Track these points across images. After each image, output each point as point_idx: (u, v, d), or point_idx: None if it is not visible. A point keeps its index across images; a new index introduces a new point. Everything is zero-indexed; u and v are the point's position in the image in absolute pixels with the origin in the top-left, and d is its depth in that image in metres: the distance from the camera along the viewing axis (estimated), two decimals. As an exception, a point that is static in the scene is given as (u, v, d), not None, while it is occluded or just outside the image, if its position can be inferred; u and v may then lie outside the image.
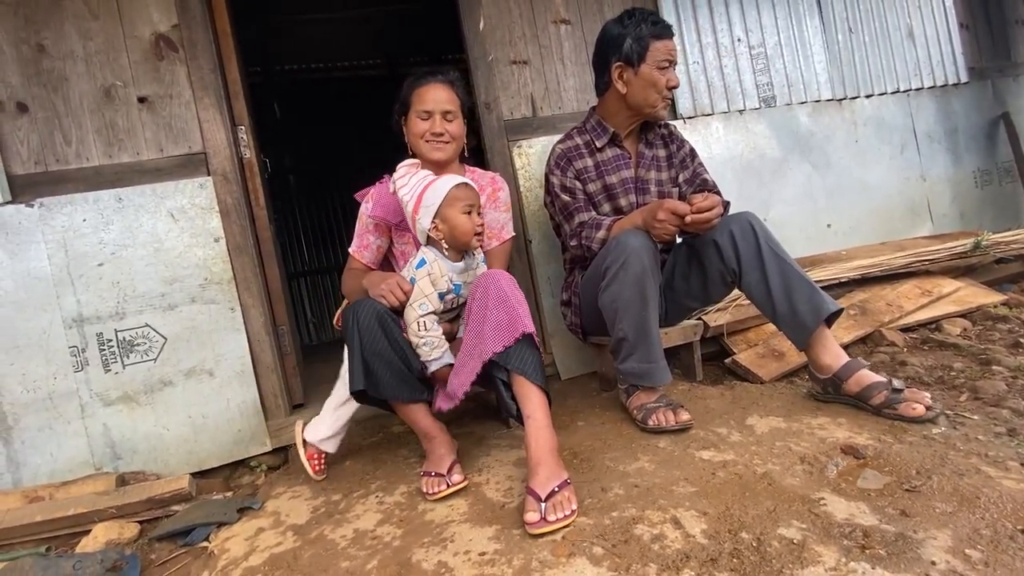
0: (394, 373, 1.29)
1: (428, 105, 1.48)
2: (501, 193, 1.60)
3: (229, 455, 1.73)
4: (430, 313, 1.32)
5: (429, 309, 1.32)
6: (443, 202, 1.34)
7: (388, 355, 1.28)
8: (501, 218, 1.59)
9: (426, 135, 1.49)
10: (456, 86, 1.54)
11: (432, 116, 1.49)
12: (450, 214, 1.35)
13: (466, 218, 1.36)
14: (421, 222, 1.36)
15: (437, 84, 1.50)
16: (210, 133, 1.75)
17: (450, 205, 1.34)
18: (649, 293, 1.38)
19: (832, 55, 2.51)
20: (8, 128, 1.62)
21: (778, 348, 1.77)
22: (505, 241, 1.59)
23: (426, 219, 1.35)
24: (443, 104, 1.49)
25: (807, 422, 1.33)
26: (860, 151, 2.55)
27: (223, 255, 1.74)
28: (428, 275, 1.34)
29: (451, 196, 1.35)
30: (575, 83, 2.13)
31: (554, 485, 1.08)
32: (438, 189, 1.36)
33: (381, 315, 1.29)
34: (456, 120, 1.52)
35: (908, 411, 1.25)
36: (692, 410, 1.41)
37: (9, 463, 1.59)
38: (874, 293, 2.05)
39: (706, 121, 2.31)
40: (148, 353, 1.69)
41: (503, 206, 1.59)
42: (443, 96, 1.50)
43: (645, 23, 1.52)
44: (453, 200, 1.35)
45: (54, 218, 1.63)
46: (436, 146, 1.50)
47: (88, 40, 1.68)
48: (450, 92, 1.51)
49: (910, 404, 1.26)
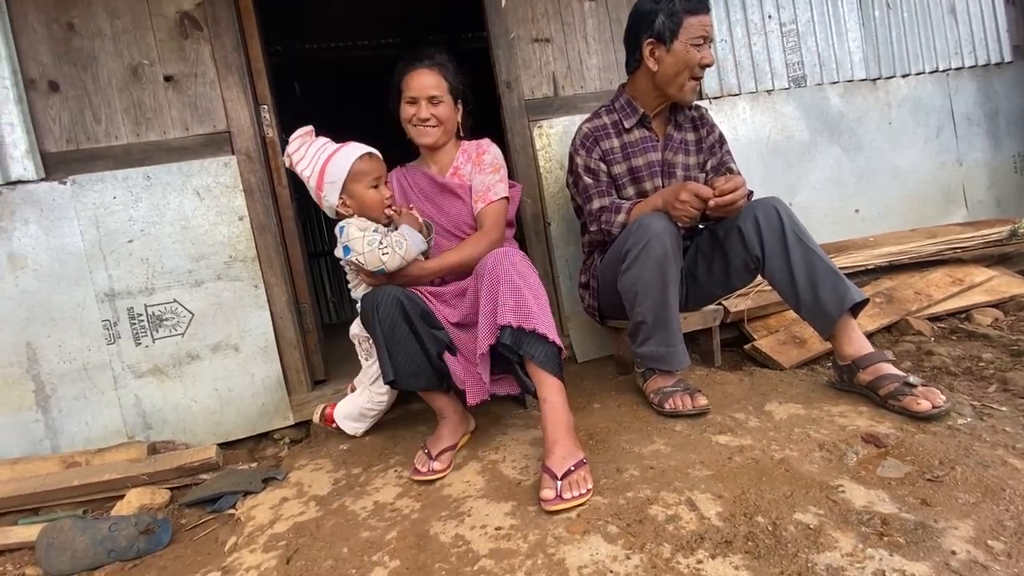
0: (412, 359, 1.30)
1: (414, 91, 1.51)
2: (485, 156, 1.58)
3: (253, 428, 1.78)
4: (378, 237, 1.31)
5: (376, 237, 1.30)
6: (348, 177, 1.31)
7: (408, 341, 1.29)
8: (487, 180, 1.55)
9: (413, 119, 1.53)
10: (444, 69, 1.54)
11: (418, 102, 1.51)
12: (357, 190, 1.32)
13: (375, 192, 1.33)
14: (328, 199, 1.34)
15: (423, 70, 1.52)
16: (234, 112, 1.77)
17: (355, 180, 1.31)
18: (670, 277, 1.37)
19: (868, 32, 2.41)
20: (40, 106, 1.66)
21: (799, 335, 1.74)
22: (493, 202, 1.53)
23: (333, 195, 1.33)
24: (429, 90, 1.51)
25: (827, 409, 1.31)
26: (893, 134, 2.45)
27: (247, 233, 1.77)
28: (355, 228, 1.31)
29: (356, 171, 1.31)
30: (598, 61, 2.09)
31: (570, 464, 1.10)
32: (340, 163, 1.31)
33: (402, 303, 1.29)
34: (443, 104, 1.53)
35: (912, 405, 1.20)
36: (710, 395, 1.41)
37: (48, 430, 1.67)
38: (902, 281, 2.00)
39: (732, 101, 2.25)
40: (176, 328, 1.74)
41: (488, 168, 1.56)
42: (429, 82, 1.51)
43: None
44: (358, 175, 1.32)
45: (86, 195, 1.68)
46: (423, 131, 1.53)
47: (115, 19, 1.70)
48: (436, 77, 1.52)
49: (916, 399, 1.20)
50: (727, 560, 0.86)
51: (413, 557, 1.00)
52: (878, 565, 0.81)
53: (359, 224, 1.34)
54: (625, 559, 0.90)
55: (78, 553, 1.24)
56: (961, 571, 0.78)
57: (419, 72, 1.52)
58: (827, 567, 0.82)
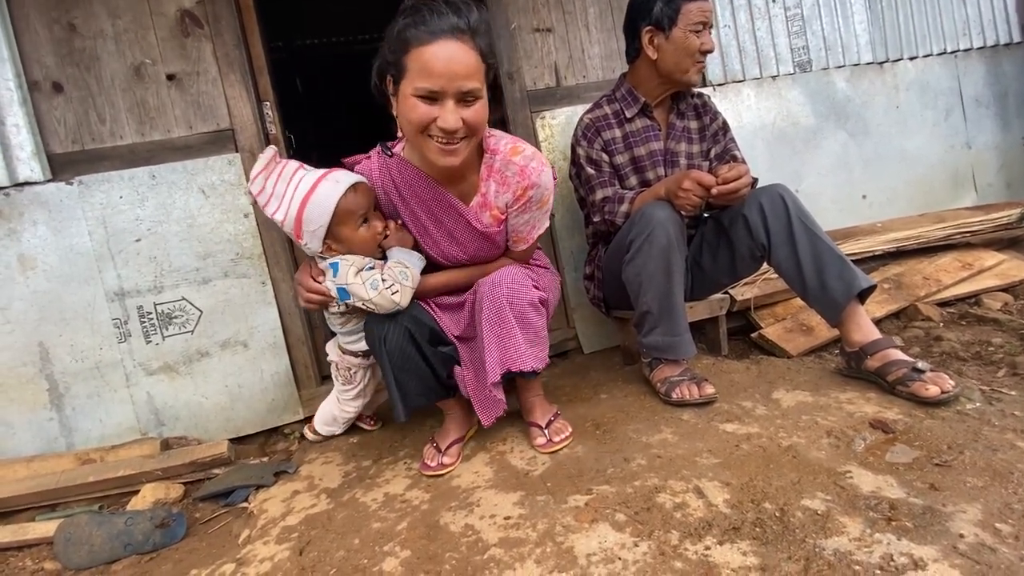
0: (422, 382, 1.29)
1: (436, 80, 0.97)
2: (533, 192, 1.17)
3: (264, 423, 1.80)
4: (378, 275, 1.15)
5: (377, 276, 1.14)
6: (332, 220, 1.08)
7: (419, 368, 1.25)
8: (533, 219, 1.24)
9: (431, 128, 1.02)
10: (479, 39, 1.01)
11: (443, 99, 0.99)
12: (344, 233, 1.11)
13: (365, 230, 1.12)
14: (310, 247, 1.13)
15: (452, 42, 0.97)
16: (237, 109, 1.77)
17: (342, 222, 1.09)
18: (674, 266, 1.37)
19: (874, 15, 2.37)
20: (45, 107, 1.67)
21: (806, 323, 1.73)
22: (532, 242, 1.30)
23: (315, 243, 1.11)
24: (462, 80, 0.98)
25: (835, 396, 1.31)
26: (901, 117, 2.42)
27: (253, 231, 1.78)
28: (352, 269, 1.13)
29: (341, 211, 1.07)
30: (600, 50, 2.07)
31: (549, 416, 1.34)
32: (321, 205, 1.06)
33: (410, 332, 1.22)
34: (479, 101, 1.03)
35: (921, 390, 1.20)
36: (717, 384, 1.41)
37: (62, 428, 1.70)
38: (910, 267, 1.98)
39: (737, 88, 2.22)
40: (185, 325, 1.75)
41: (535, 206, 1.20)
42: (462, 63, 0.97)
43: None
44: (345, 216, 1.08)
45: (92, 195, 1.69)
46: (447, 151, 1.04)
47: (116, 18, 1.70)
48: (472, 55, 0.99)
49: (924, 384, 1.20)
50: (735, 546, 0.87)
51: (424, 547, 1.01)
52: (886, 549, 0.81)
53: (354, 263, 1.14)
54: (633, 546, 0.91)
55: (95, 547, 1.27)
56: (969, 554, 0.79)
57: (443, 46, 0.96)
58: (835, 552, 0.82)
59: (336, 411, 1.59)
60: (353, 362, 1.48)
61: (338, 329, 1.42)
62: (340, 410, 1.57)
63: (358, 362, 1.48)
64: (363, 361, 1.48)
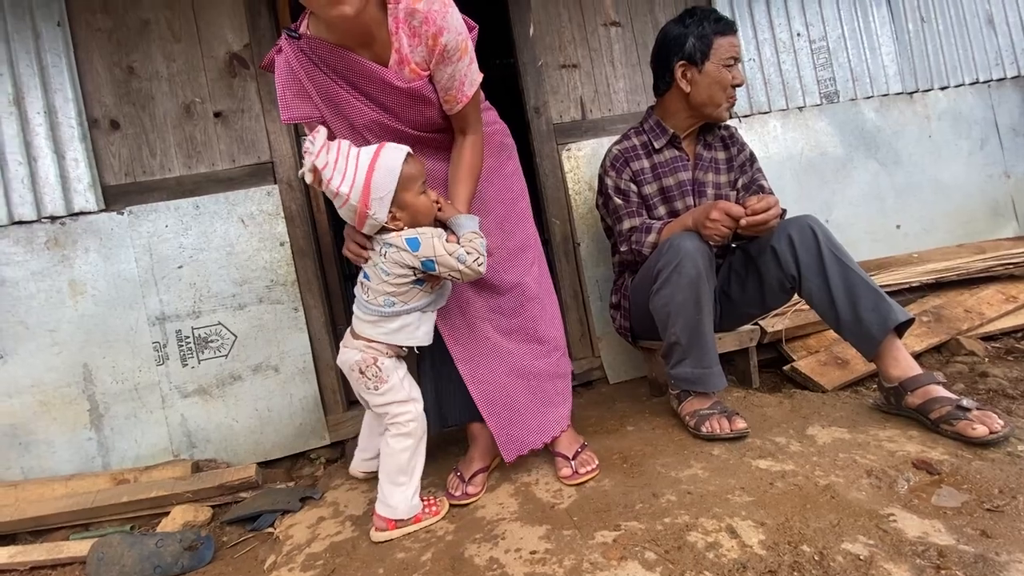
0: (464, 395, 1.32)
1: None
2: (444, 38, 1.08)
3: (291, 447, 1.82)
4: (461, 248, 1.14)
5: (461, 250, 1.14)
6: (397, 186, 1.09)
7: (461, 380, 1.32)
8: (458, 71, 1.13)
9: None
10: None
11: None
12: (408, 199, 1.11)
13: (424, 198, 1.14)
14: (376, 216, 1.10)
15: None
16: (277, 144, 1.86)
17: (406, 188, 1.11)
18: (703, 297, 1.35)
19: (902, 46, 2.37)
20: (103, 143, 1.79)
21: (841, 355, 1.68)
22: (471, 100, 1.18)
23: (382, 211, 1.10)
24: None
25: (874, 434, 1.26)
26: (934, 147, 2.39)
27: (288, 258, 1.85)
28: (438, 242, 1.13)
29: (405, 177, 1.10)
30: (625, 85, 2.12)
31: (576, 447, 1.33)
32: (389, 170, 1.08)
33: None
34: None
35: (967, 430, 1.14)
36: (748, 418, 1.37)
37: (100, 447, 1.75)
38: (950, 299, 1.92)
39: (763, 119, 2.23)
40: (220, 349, 1.81)
41: (455, 55, 1.11)
42: None
43: (707, 21, 1.49)
44: (408, 181, 1.10)
45: (141, 225, 1.78)
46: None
47: (171, 61, 1.82)
48: None
49: (971, 423, 1.14)
50: (772, 591, 0.83)
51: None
52: (936, 600, 0.77)
53: (435, 235, 1.15)
54: (664, 587, 0.88)
55: (126, 568, 1.29)
56: (1029, 609, 0.73)
57: None
58: (880, 601, 0.78)
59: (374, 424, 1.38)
60: (381, 350, 1.22)
61: (382, 309, 1.20)
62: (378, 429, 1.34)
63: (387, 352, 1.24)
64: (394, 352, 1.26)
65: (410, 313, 1.20)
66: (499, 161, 1.39)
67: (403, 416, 1.22)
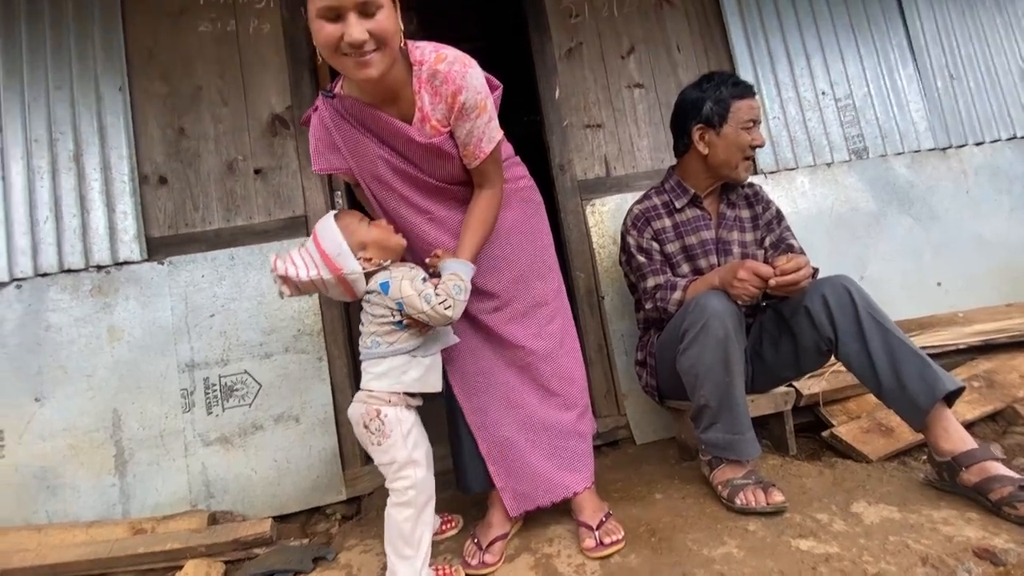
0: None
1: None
2: (463, 97, 1.13)
3: (307, 501, 1.79)
4: (430, 289, 1.14)
5: (430, 290, 1.14)
6: (344, 234, 1.15)
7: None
8: (476, 128, 1.17)
9: (342, 47, 1.02)
10: None
11: (342, 14, 1.00)
12: (362, 237, 1.17)
13: (376, 229, 1.19)
14: (352, 270, 1.14)
15: None
16: (311, 198, 1.94)
17: (353, 233, 1.16)
18: (733, 358, 1.31)
19: (931, 103, 2.36)
20: (151, 198, 1.90)
21: (886, 422, 1.58)
22: (489, 156, 1.21)
23: (352, 262, 1.15)
24: None
25: (927, 515, 1.16)
26: (972, 202, 2.32)
27: (315, 308, 1.88)
28: (406, 284, 1.14)
29: (344, 226, 1.16)
30: (649, 143, 2.15)
31: (601, 516, 1.28)
32: (328, 229, 1.15)
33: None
34: (382, 10, 1.02)
35: None
36: (786, 489, 1.28)
37: (121, 494, 1.75)
38: (1002, 363, 1.80)
39: (790, 176, 2.22)
40: (245, 398, 1.82)
41: (472, 113, 1.15)
42: None
43: (725, 85, 1.52)
44: (349, 228, 1.16)
45: (179, 274, 1.86)
46: (361, 63, 1.04)
47: (219, 122, 1.95)
48: None
49: None
50: None
51: (461, 662, 0.93)
52: None
53: (403, 275, 1.16)
54: None
55: (135, 627, 1.26)
56: None
57: None
58: None
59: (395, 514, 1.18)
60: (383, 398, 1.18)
61: (369, 350, 1.20)
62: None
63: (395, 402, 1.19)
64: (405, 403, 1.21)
65: (396, 355, 1.18)
66: (524, 215, 1.40)
67: (401, 482, 1.15)
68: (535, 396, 1.33)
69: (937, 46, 2.41)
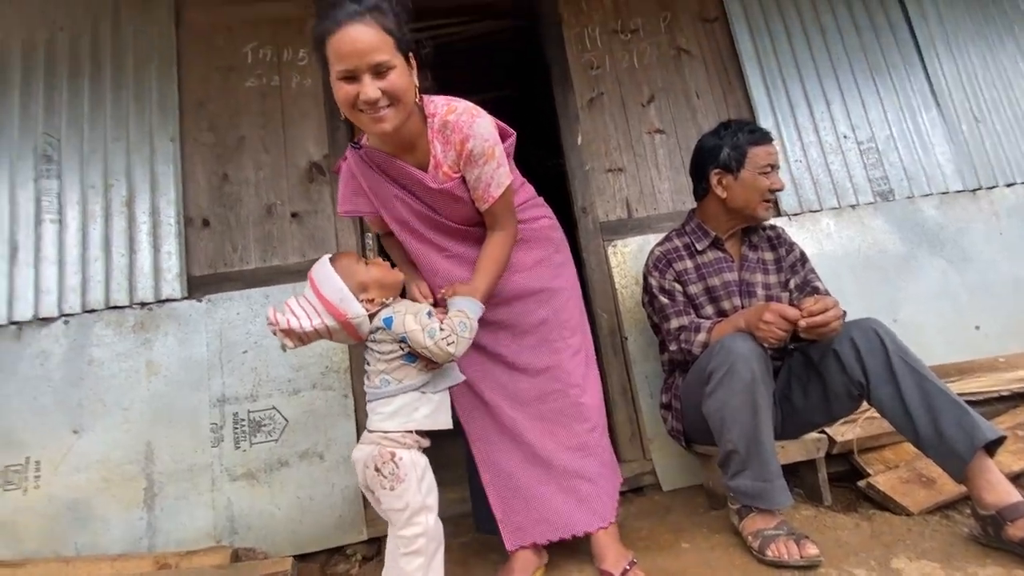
0: None
1: (347, 61, 1.09)
2: (471, 144, 1.21)
3: (328, 540, 1.78)
4: (435, 324, 1.15)
5: (435, 325, 1.14)
6: (344, 277, 1.15)
7: None
8: (485, 174, 1.24)
9: (359, 104, 1.12)
10: (381, 16, 1.10)
11: (358, 76, 1.10)
12: (361, 279, 1.16)
13: (374, 267, 1.20)
14: (356, 313, 1.14)
15: (351, 26, 1.08)
16: (344, 240, 2.03)
17: (351, 275, 1.16)
18: (760, 402, 1.28)
19: (957, 146, 2.35)
20: (194, 239, 2.01)
21: (926, 472, 1.51)
22: (498, 200, 1.27)
23: (356, 306, 1.14)
24: (368, 55, 1.08)
25: (972, 572, 1.10)
26: (1007, 244, 2.27)
27: (342, 345, 1.93)
28: (410, 319, 1.14)
29: (342, 268, 1.16)
30: (670, 186, 2.19)
31: (624, 565, 1.25)
32: (328, 276, 1.15)
33: None
34: (394, 70, 1.11)
35: None
36: (820, 542, 1.23)
37: (148, 528, 1.78)
38: (1049, 411, 1.72)
39: (814, 217, 2.22)
40: (272, 433, 1.86)
41: (480, 160, 1.23)
42: (365, 41, 1.08)
43: (741, 132, 1.55)
44: (347, 270, 1.16)
45: (216, 312, 1.94)
46: (377, 118, 1.13)
47: (260, 169, 2.08)
48: (374, 31, 1.09)
49: None
50: None
51: None
52: None
53: (407, 310, 1.18)
54: None
55: (155, 666, 1.25)
56: None
57: (346, 31, 1.08)
58: None
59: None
60: (398, 440, 1.15)
61: (379, 389, 1.18)
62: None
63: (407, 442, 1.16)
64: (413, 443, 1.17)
65: (406, 393, 1.16)
66: (546, 252, 1.45)
67: (412, 529, 1.09)
68: (547, 433, 1.33)
69: (960, 90, 2.42)
